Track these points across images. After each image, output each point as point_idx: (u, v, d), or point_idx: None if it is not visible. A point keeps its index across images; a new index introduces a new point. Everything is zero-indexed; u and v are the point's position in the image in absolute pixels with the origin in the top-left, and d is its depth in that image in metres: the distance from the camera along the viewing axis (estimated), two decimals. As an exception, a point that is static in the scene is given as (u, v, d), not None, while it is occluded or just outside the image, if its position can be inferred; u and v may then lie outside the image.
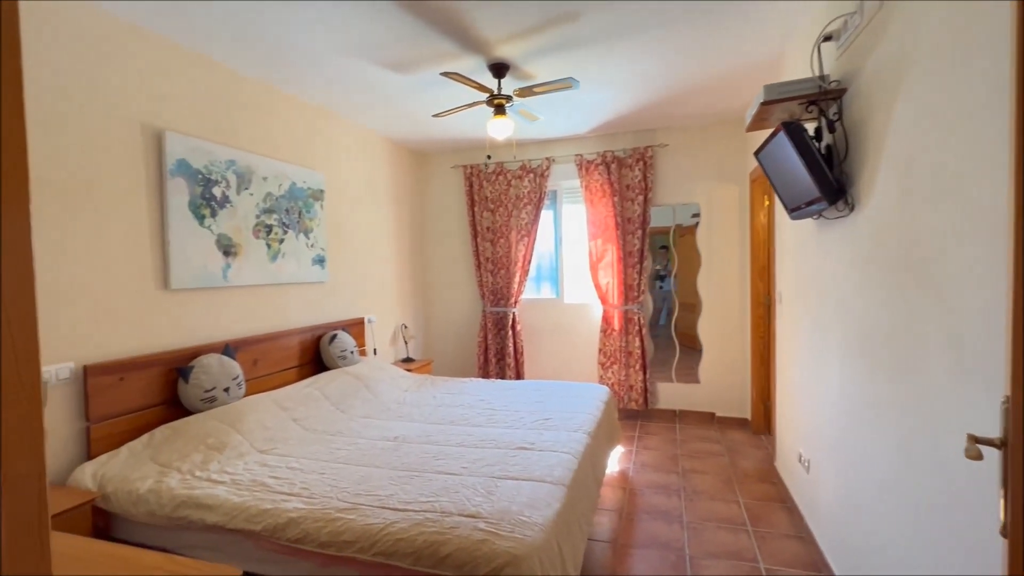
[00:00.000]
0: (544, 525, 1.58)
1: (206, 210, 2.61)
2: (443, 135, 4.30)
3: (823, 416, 2.22)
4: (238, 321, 2.84)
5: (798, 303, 2.62)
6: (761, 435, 3.87)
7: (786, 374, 2.89)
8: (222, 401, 2.46)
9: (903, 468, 1.47)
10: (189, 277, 2.52)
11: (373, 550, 1.53)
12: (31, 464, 0.43)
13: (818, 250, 2.27)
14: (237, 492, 1.84)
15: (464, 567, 1.43)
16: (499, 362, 4.70)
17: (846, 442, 1.95)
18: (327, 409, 2.78)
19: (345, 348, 3.42)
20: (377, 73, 2.92)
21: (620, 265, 4.29)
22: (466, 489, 1.80)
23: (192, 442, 2.16)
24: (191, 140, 2.53)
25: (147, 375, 2.30)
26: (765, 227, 3.75)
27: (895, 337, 1.51)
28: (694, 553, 2.33)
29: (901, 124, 1.47)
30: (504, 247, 4.65)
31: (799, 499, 2.60)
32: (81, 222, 2.09)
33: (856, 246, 1.82)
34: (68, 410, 2.05)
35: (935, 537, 1.29)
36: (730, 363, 4.18)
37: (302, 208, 3.30)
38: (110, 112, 2.20)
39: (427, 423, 2.64)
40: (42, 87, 1.96)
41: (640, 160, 4.21)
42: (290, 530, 1.63)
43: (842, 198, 1.85)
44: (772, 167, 2.23)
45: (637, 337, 4.30)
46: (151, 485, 1.89)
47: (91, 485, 1.92)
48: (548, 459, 2.08)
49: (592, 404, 2.87)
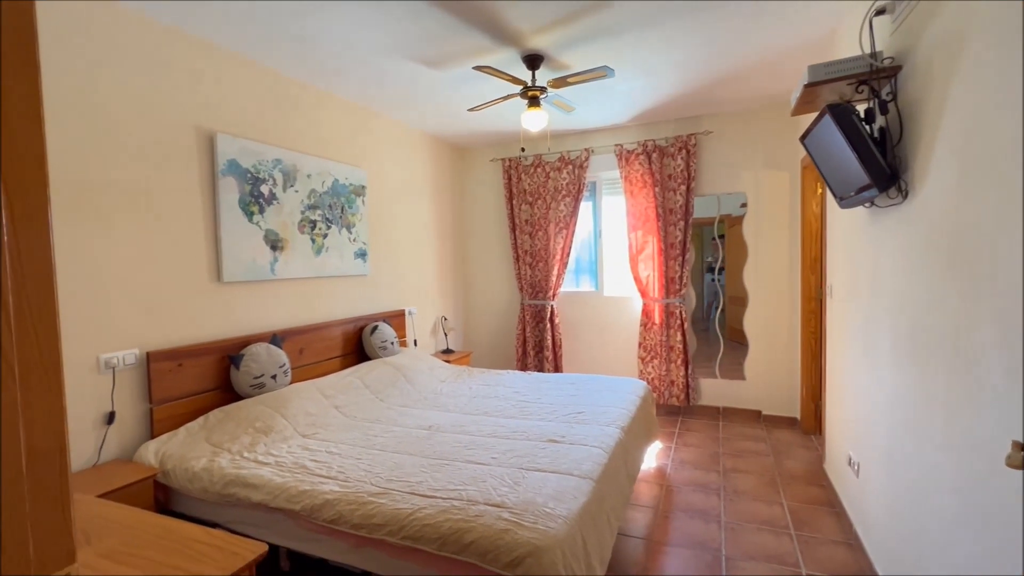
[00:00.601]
0: (568, 518, 1.58)
1: (254, 207, 2.76)
2: (481, 129, 4.32)
3: (874, 417, 2.09)
4: (285, 312, 2.99)
5: (849, 297, 2.46)
6: (811, 435, 3.68)
7: (836, 372, 2.74)
8: (270, 387, 2.60)
9: (958, 474, 1.36)
10: (240, 271, 2.68)
11: (401, 534, 1.58)
12: (52, 440, 0.48)
13: (870, 241, 2.12)
14: (280, 473, 1.95)
15: (486, 555, 1.46)
16: (537, 355, 4.71)
17: (897, 445, 1.83)
18: (367, 397, 2.89)
19: (386, 339, 3.53)
20: (414, 70, 2.97)
21: (661, 257, 4.18)
22: (493, 479, 1.83)
23: (242, 425, 2.30)
24: (240, 141, 2.67)
25: (202, 362, 2.47)
26: (817, 217, 3.54)
27: (948, 335, 1.39)
28: (731, 554, 2.26)
29: (958, 104, 1.34)
30: (543, 240, 4.63)
31: (848, 504, 2.46)
32: (142, 221, 2.26)
33: (909, 236, 1.69)
34: (134, 393, 2.23)
35: (992, 548, 1.20)
36: (778, 359, 4.00)
37: (344, 204, 3.42)
38: (167, 117, 2.37)
39: (461, 413, 2.69)
40: (105, 96, 2.13)
41: (683, 148, 4.08)
42: (326, 511, 1.72)
43: (895, 184, 1.72)
44: (819, 153, 2.10)
45: (679, 331, 4.18)
46: (204, 464, 2.04)
47: (153, 461, 2.09)
48: (577, 452, 2.07)
49: (627, 399, 2.82)
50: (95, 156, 2.09)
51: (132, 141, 2.22)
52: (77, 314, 2.03)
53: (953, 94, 1.37)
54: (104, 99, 2.12)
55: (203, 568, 0.89)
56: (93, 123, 2.08)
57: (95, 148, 2.09)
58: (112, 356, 2.14)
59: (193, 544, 0.97)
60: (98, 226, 2.10)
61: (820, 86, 1.90)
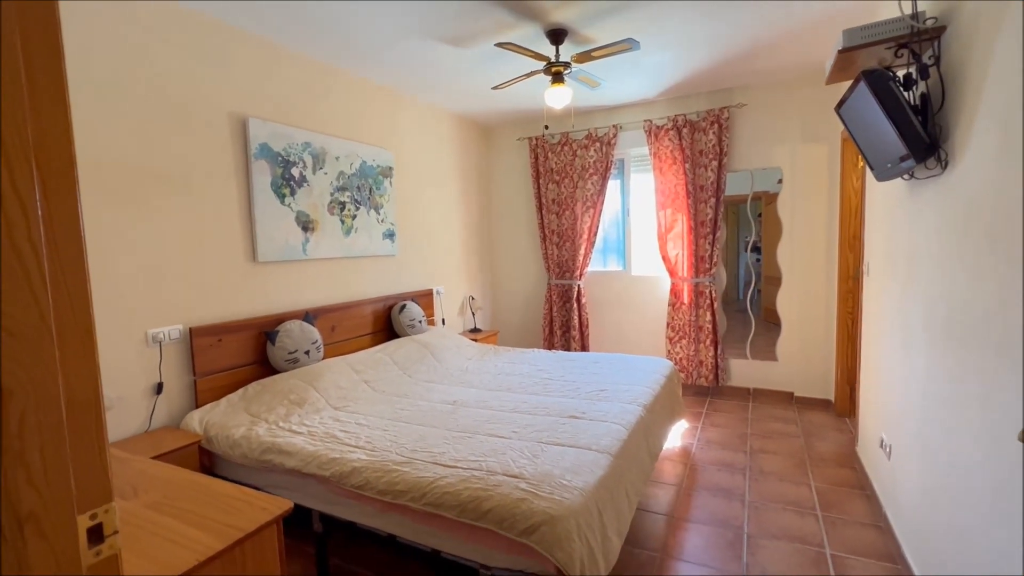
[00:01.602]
0: (584, 490, 1.61)
1: (286, 189, 2.85)
2: (506, 108, 4.30)
3: (907, 399, 2.02)
4: (317, 291, 3.11)
5: (885, 275, 2.36)
6: (845, 418, 3.58)
7: (871, 353, 2.64)
8: (303, 362, 2.73)
9: (992, 459, 1.31)
10: (273, 251, 2.79)
11: (423, 500, 1.65)
12: (89, 392, 0.53)
13: (907, 215, 2.03)
14: (312, 442, 2.06)
15: (503, 522, 1.51)
16: (564, 334, 4.72)
17: (930, 428, 1.77)
18: (395, 373, 2.99)
19: (414, 318, 3.62)
20: (437, 49, 2.97)
21: (691, 236, 4.10)
22: (513, 452, 1.88)
23: (277, 397, 2.43)
24: (271, 125, 2.76)
25: (240, 337, 2.61)
26: (858, 191, 3.38)
27: (987, 316, 1.33)
28: (753, 532, 2.26)
29: (1003, 66, 1.26)
30: (570, 219, 4.60)
31: (879, 486, 2.41)
32: (182, 205, 2.38)
33: (947, 210, 1.61)
34: (179, 365, 2.39)
35: (1017, 533, 1.16)
36: (813, 340, 3.88)
37: (372, 185, 3.49)
38: (202, 104, 2.46)
39: (485, 390, 2.75)
40: (146, 85, 2.23)
41: (715, 123, 3.94)
42: (353, 478, 1.81)
43: (933, 154, 1.63)
44: (855, 123, 2.00)
45: (708, 311, 4.11)
46: (244, 432, 2.17)
47: (198, 429, 2.25)
48: (597, 428, 2.10)
49: (651, 378, 2.82)
50: (138, 143, 2.20)
51: (172, 128, 2.33)
52: (126, 292, 2.17)
53: (998, 55, 1.28)
54: (146, 89, 2.23)
55: (234, 520, 0.97)
56: (136, 111, 2.19)
57: (139, 135, 2.20)
58: (159, 331, 2.28)
59: (226, 499, 1.06)
60: (142, 209, 2.23)
61: (856, 51, 1.80)
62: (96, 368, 0.54)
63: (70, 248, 0.51)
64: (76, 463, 0.52)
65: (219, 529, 0.95)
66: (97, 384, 0.55)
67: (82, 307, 0.53)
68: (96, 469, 0.54)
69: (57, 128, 0.51)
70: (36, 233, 0.48)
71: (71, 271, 0.52)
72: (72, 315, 0.52)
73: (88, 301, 0.53)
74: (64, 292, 0.51)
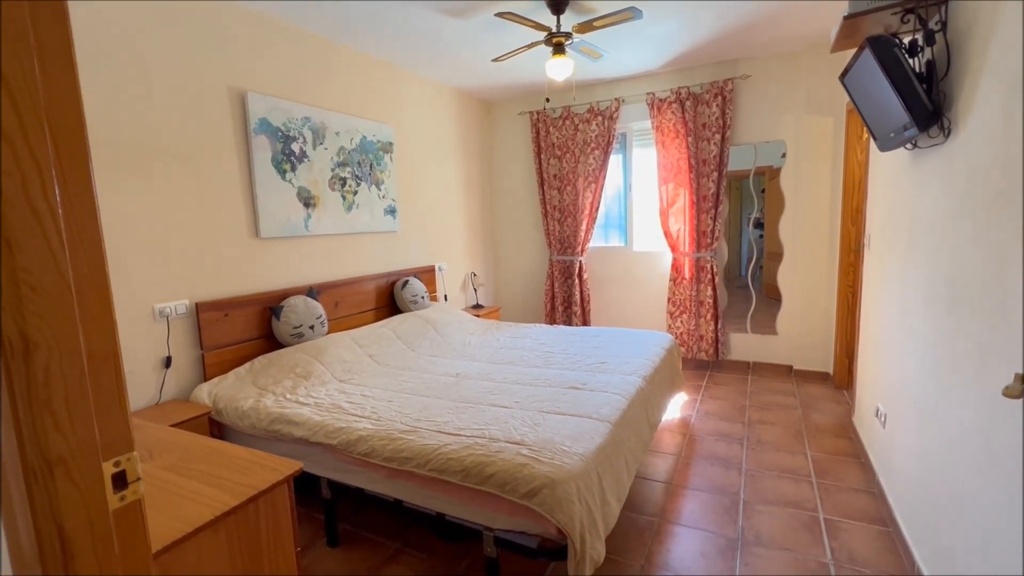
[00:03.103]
0: (584, 455, 1.66)
1: (287, 165, 2.85)
2: (507, 81, 4.24)
3: (904, 369, 2.05)
4: (320, 267, 3.13)
5: (886, 247, 2.37)
6: (843, 390, 3.63)
7: (869, 325, 2.67)
8: (308, 337, 2.77)
9: (982, 419, 1.35)
10: (276, 227, 2.80)
11: (428, 466, 1.71)
12: (107, 345, 0.56)
13: (909, 185, 2.02)
14: (318, 412, 2.11)
15: (505, 486, 1.56)
16: (566, 310, 4.76)
17: (926, 396, 1.80)
18: (398, 347, 3.03)
19: (416, 294, 3.65)
20: (437, 20, 2.92)
21: (692, 210, 4.09)
22: (515, 420, 1.92)
23: (284, 370, 2.48)
24: (270, 99, 2.74)
25: (246, 312, 2.64)
26: (862, 164, 3.35)
27: (986, 285, 1.34)
28: (749, 498, 2.32)
29: (1006, 29, 1.24)
30: (571, 195, 4.59)
31: (873, 455, 2.46)
32: (185, 181, 2.39)
33: (949, 179, 1.61)
34: (187, 340, 2.43)
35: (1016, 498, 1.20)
36: (813, 314, 3.90)
37: (373, 161, 3.48)
38: (202, 78, 2.44)
39: (488, 363, 2.80)
40: (149, 61, 2.21)
41: (719, 95, 3.89)
42: (360, 446, 1.86)
43: (936, 122, 1.62)
44: (859, 92, 1.98)
45: (709, 286, 4.13)
46: (252, 404, 2.22)
47: (207, 401, 2.30)
48: (597, 398, 2.14)
49: (651, 351, 2.85)
50: (139, 119, 2.20)
51: (174, 104, 2.33)
52: (132, 267, 2.20)
53: (1003, 20, 1.27)
54: (148, 64, 2.22)
55: (247, 479, 1.01)
56: (135, 87, 2.18)
57: (139, 111, 2.20)
58: (165, 306, 2.32)
59: (239, 461, 1.10)
60: (146, 186, 2.23)
61: (863, 17, 1.77)
62: (113, 323, 0.57)
63: (84, 209, 0.53)
64: (98, 413, 0.55)
65: (233, 488, 0.99)
66: (115, 339, 0.57)
67: (97, 264, 0.55)
68: (118, 419, 0.57)
69: (67, 93, 0.52)
70: (51, 193, 0.50)
71: (86, 231, 0.54)
72: (89, 272, 0.54)
73: (103, 259, 0.55)
74: (80, 251, 0.53)
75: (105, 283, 0.56)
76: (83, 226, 0.53)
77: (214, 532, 0.91)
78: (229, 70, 2.57)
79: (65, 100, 0.52)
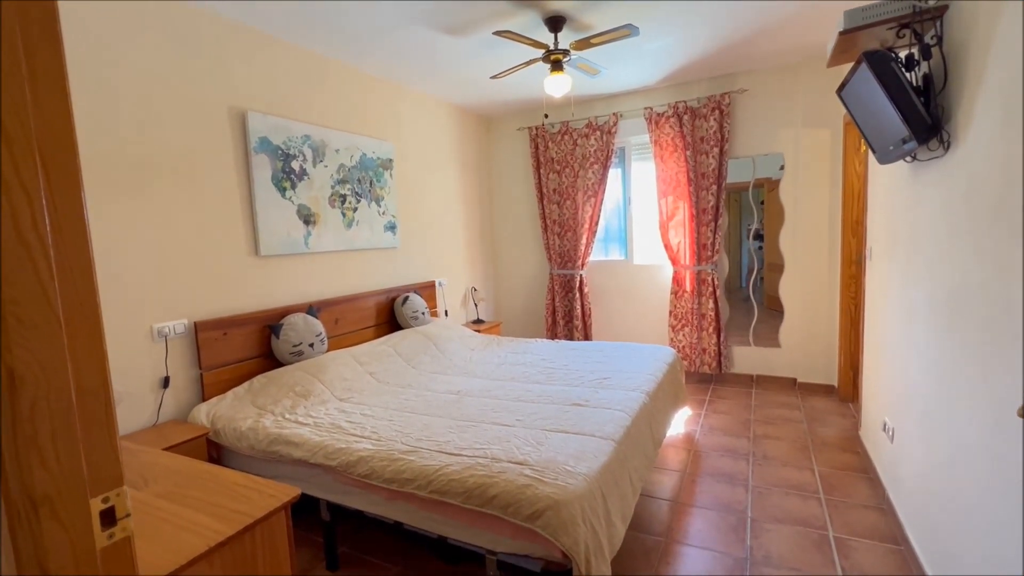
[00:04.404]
0: (588, 475, 1.63)
1: (287, 183, 2.86)
2: (506, 97, 4.27)
3: (910, 382, 2.02)
4: (320, 284, 3.12)
5: (888, 259, 2.36)
6: (848, 403, 3.59)
7: (874, 337, 2.65)
8: (308, 355, 2.75)
9: (993, 436, 1.32)
10: (276, 244, 2.80)
11: (429, 488, 1.67)
12: (97, 379, 0.54)
13: (909, 198, 2.02)
14: (318, 433, 2.08)
15: (508, 508, 1.53)
16: (567, 324, 4.73)
17: (934, 410, 1.78)
18: (399, 364, 3.01)
19: (417, 309, 3.63)
20: (435, 39, 2.95)
21: (692, 223, 4.09)
22: (517, 439, 1.89)
23: (283, 389, 2.45)
24: (270, 118, 2.76)
25: (245, 331, 2.62)
26: (861, 176, 3.36)
27: (988, 297, 1.33)
28: (757, 516, 2.28)
29: (1004, 42, 1.25)
30: (571, 209, 4.59)
31: (882, 470, 2.42)
32: (185, 200, 2.39)
33: (950, 191, 1.60)
34: (185, 359, 2.41)
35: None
36: (815, 325, 3.88)
37: (373, 177, 3.49)
38: (202, 98, 2.46)
39: (489, 379, 2.77)
40: (148, 82, 2.23)
41: (716, 109, 3.91)
42: (360, 467, 1.83)
43: (936, 136, 1.62)
44: (857, 106, 1.99)
45: (711, 299, 4.11)
46: (251, 424, 2.20)
47: (205, 422, 2.27)
48: (601, 416, 2.11)
49: (654, 365, 2.83)
50: (139, 138, 2.21)
51: (175, 122, 2.34)
52: (130, 286, 2.19)
53: (1000, 34, 1.27)
54: (149, 83, 2.23)
55: (243, 507, 0.99)
56: (137, 106, 2.19)
57: (139, 131, 2.20)
58: (164, 325, 2.30)
59: (235, 487, 1.07)
60: (145, 206, 2.24)
61: (858, 32, 1.79)
62: (104, 356, 0.55)
63: (75, 238, 0.52)
64: (87, 448, 0.53)
65: (229, 516, 0.97)
66: (105, 372, 0.56)
67: (88, 295, 0.54)
68: (107, 454, 0.56)
69: (59, 118, 0.51)
70: (41, 223, 0.49)
71: (77, 260, 0.52)
72: (79, 304, 0.53)
73: (94, 290, 0.54)
74: (70, 281, 0.52)
75: (96, 315, 0.54)
76: (74, 258, 0.52)
77: (208, 564, 0.89)
78: (229, 90, 2.59)
79: (58, 129, 0.51)
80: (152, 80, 2.25)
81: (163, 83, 2.30)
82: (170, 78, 2.33)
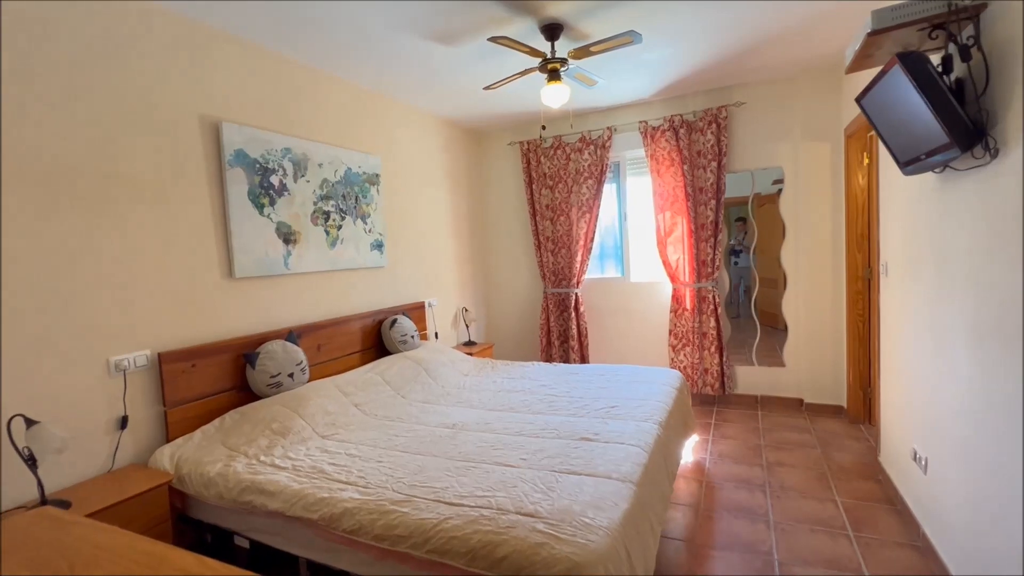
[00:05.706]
0: (610, 529, 1.42)
1: (265, 199, 2.64)
2: (498, 111, 4.13)
3: (946, 408, 1.87)
4: (301, 307, 2.88)
5: (910, 276, 2.22)
6: (860, 425, 3.44)
7: (894, 357, 2.50)
8: (287, 386, 2.50)
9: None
10: (252, 265, 2.57)
11: (426, 547, 1.45)
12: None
13: (939, 211, 1.89)
14: (297, 479, 1.84)
15: (521, 572, 1.31)
16: (562, 345, 4.54)
17: (979, 441, 1.62)
18: (387, 394, 2.77)
19: (406, 332, 3.41)
20: (426, 48, 2.79)
21: (691, 239, 3.95)
22: (524, 484, 1.68)
23: (258, 426, 2.20)
24: (247, 130, 2.55)
25: (217, 361, 2.37)
26: (864, 189, 3.27)
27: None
28: (784, 558, 2.08)
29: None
30: (565, 225, 4.44)
31: (912, 502, 2.25)
32: (152, 217, 2.16)
33: (995, 203, 1.46)
34: (148, 395, 2.15)
35: None
36: (821, 344, 3.74)
37: (358, 193, 3.29)
38: (170, 106, 2.25)
39: (485, 409, 2.55)
40: (108, 87, 2.01)
41: (713, 122, 3.82)
42: (345, 521, 1.59)
43: (980, 142, 1.49)
44: (879, 113, 1.87)
45: (712, 317, 3.96)
46: (220, 469, 1.94)
47: (168, 467, 2.00)
48: (614, 452, 1.91)
49: (662, 390, 2.64)
50: (100, 147, 1.98)
51: (137, 133, 2.11)
52: (85, 314, 1.94)
53: (1067, 26, 1.14)
54: (108, 91, 2.01)
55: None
56: (98, 111, 1.97)
57: (101, 138, 1.98)
58: (122, 358, 2.05)
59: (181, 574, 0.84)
60: (105, 221, 2.00)
61: (884, 35, 1.66)
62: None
63: None
64: None
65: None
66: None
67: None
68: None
69: None
70: None
71: None
72: None
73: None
74: None
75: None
76: None
77: None
78: (203, 98, 2.38)
79: None
80: (114, 83, 2.03)
81: (127, 87, 2.08)
82: (136, 86, 2.11)
